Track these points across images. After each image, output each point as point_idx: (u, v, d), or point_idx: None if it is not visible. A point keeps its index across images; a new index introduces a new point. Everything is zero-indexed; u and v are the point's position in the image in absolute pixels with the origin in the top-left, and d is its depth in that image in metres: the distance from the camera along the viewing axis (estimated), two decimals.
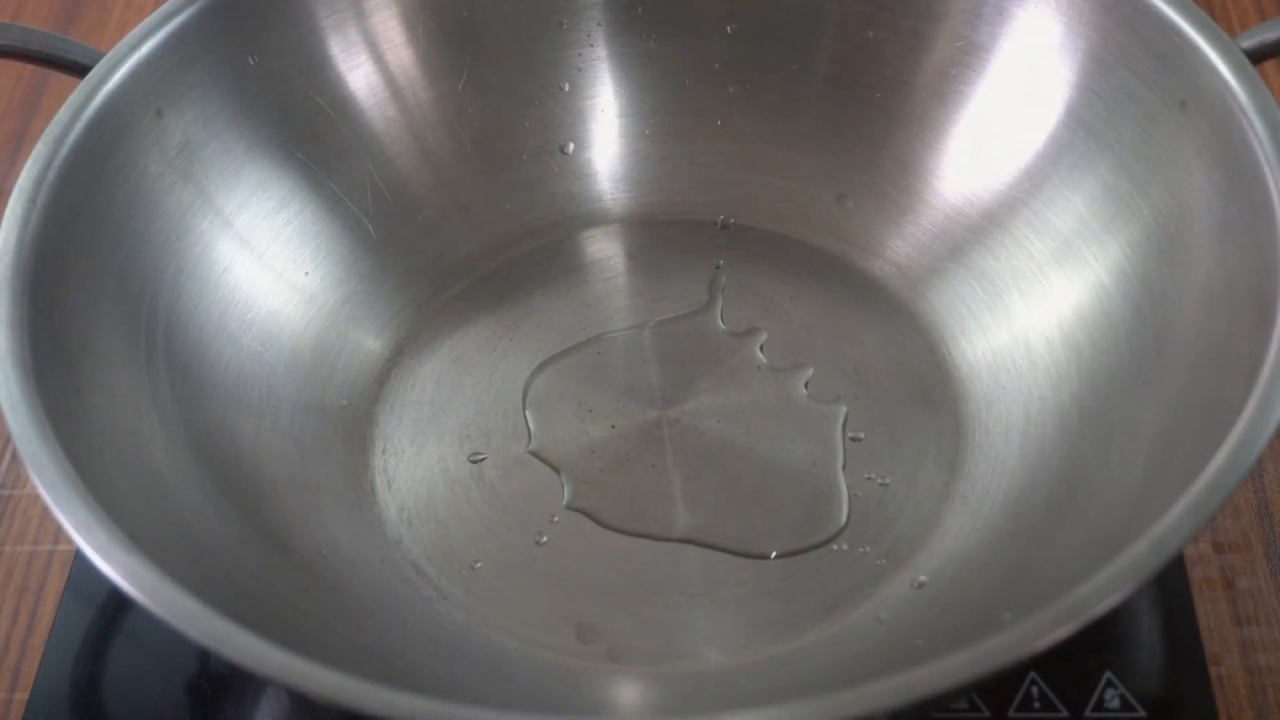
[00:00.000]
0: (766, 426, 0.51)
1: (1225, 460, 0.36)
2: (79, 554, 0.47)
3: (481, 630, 0.46)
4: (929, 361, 0.52)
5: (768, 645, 0.45)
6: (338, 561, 0.47)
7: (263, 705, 0.47)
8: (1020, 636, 0.33)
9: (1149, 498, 0.40)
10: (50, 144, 0.45)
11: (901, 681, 0.32)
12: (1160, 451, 0.42)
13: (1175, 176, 0.46)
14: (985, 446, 0.50)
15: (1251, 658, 0.47)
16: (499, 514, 0.49)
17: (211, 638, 0.34)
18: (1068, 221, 0.50)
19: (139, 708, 0.47)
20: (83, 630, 0.49)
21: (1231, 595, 0.48)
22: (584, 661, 0.45)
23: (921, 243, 0.54)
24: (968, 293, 0.53)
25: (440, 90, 0.56)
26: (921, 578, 0.47)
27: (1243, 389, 0.38)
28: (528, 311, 0.55)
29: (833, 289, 0.55)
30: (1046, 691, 0.45)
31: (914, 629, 0.45)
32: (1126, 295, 0.47)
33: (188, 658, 0.47)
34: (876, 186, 0.55)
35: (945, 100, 0.54)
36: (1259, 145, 0.42)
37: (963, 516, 0.48)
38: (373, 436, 0.52)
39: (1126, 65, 0.48)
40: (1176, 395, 0.43)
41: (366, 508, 0.50)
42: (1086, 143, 0.49)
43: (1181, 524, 0.35)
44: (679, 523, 0.49)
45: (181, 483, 0.44)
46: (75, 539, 0.36)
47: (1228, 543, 0.50)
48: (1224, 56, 0.45)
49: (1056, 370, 0.49)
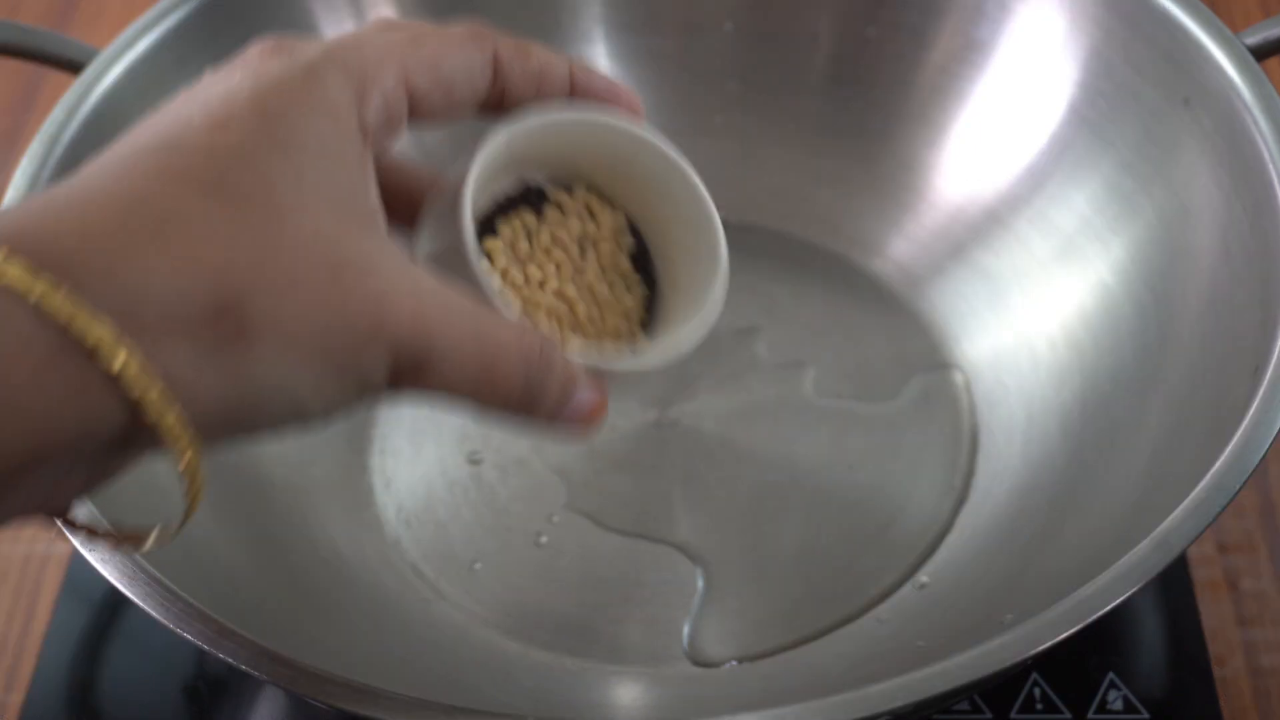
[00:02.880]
0: (767, 426, 0.51)
1: (1229, 460, 0.36)
2: (75, 555, 0.47)
3: (481, 630, 0.46)
4: (931, 361, 0.52)
5: (768, 645, 0.45)
6: (336, 562, 0.47)
7: (260, 707, 0.46)
8: (1022, 637, 0.33)
9: (1152, 498, 0.39)
10: (45, 142, 0.45)
11: (903, 683, 0.32)
12: (1163, 451, 0.42)
13: (1179, 174, 0.46)
14: (987, 446, 0.49)
15: (1255, 659, 0.47)
16: (498, 515, 0.49)
17: (208, 638, 0.34)
18: (1070, 220, 0.50)
19: (135, 709, 0.47)
20: (79, 631, 0.48)
21: (1235, 596, 0.48)
22: (584, 661, 0.45)
23: (923, 241, 0.54)
24: (970, 291, 0.53)
25: None
26: (923, 578, 0.46)
27: (1247, 389, 0.38)
28: None
29: (834, 288, 0.55)
30: (1049, 693, 0.45)
31: (916, 630, 0.44)
32: (1129, 294, 0.47)
33: (184, 659, 0.47)
34: (878, 185, 0.55)
35: (947, 98, 0.53)
36: (1263, 142, 0.42)
37: (964, 517, 0.48)
38: (371, 437, 0.51)
39: (1130, 62, 0.48)
40: (1180, 395, 0.43)
41: (365, 508, 0.49)
42: (1089, 140, 0.49)
43: (1185, 525, 0.35)
44: (679, 524, 0.49)
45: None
46: (72, 540, 0.36)
47: (1232, 543, 0.50)
48: (1228, 53, 0.44)
49: (1059, 370, 0.49)
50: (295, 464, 0.49)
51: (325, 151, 0.29)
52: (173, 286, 0.25)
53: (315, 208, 0.28)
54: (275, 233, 0.27)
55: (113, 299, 0.25)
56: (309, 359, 0.27)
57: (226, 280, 0.26)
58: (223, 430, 0.27)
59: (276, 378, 0.27)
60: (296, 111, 0.29)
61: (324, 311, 0.27)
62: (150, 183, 0.27)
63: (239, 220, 0.27)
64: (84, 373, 0.24)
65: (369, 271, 0.28)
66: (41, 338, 0.24)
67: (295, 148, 0.28)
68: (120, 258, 0.25)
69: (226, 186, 0.27)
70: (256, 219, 0.27)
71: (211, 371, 0.26)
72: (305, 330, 0.27)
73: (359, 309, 0.27)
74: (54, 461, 0.25)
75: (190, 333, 0.25)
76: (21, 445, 0.24)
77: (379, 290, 0.28)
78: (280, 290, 0.26)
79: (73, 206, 0.26)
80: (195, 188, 0.27)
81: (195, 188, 0.27)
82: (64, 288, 0.24)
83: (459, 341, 0.29)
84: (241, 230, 0.27)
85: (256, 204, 0.27)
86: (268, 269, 0.26)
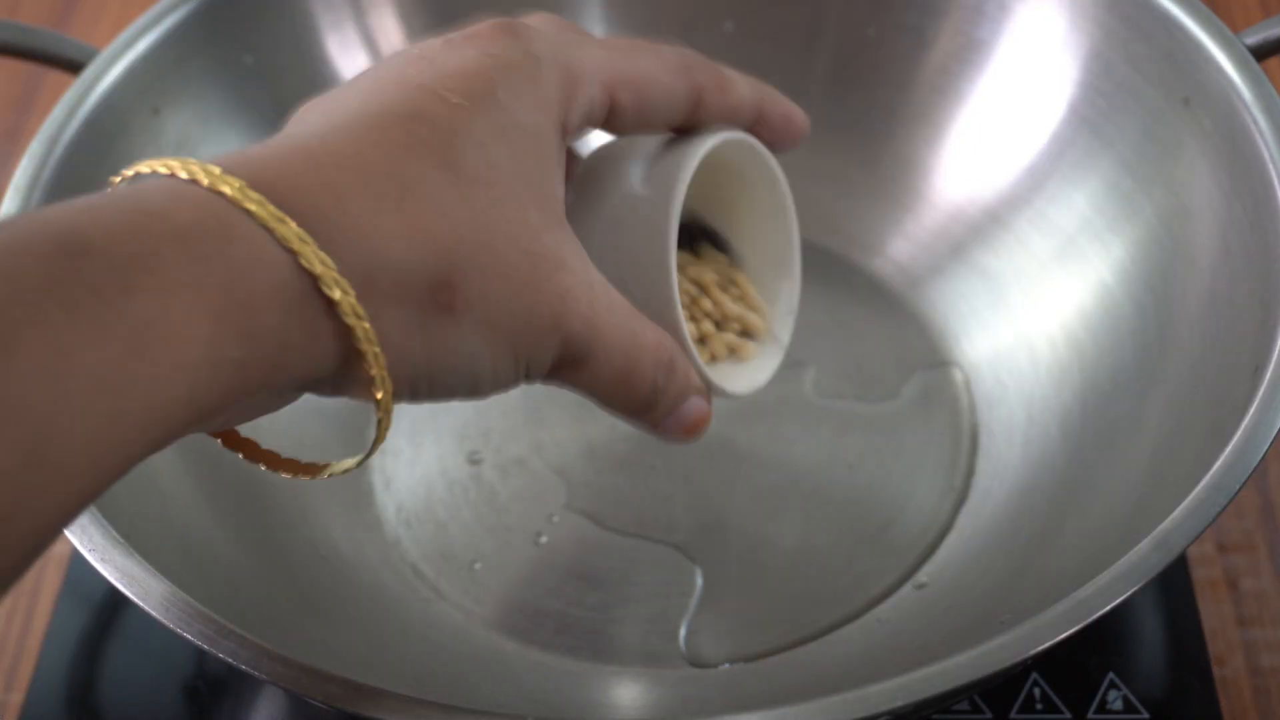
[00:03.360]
0: (767, 426, 0.51)
1: (1229, 460, 0.36)
2: (75, 554, 0.47)
3: (481, 630, 0.46)
4: (930, 360, 0.52)
5: (767, 645, 0.45)
6: (336, 562, 0.47)
7: (260, 707, 0.46)
8: (1022, 637, 0.33)
9: (1152, 498, 0.39)
10: (45, 142, 0.45)
11: (903, 683, 0.32)
12: (1163, 451, 0.42)
13: (1179, 174, 0.46)
14: (987, 446, 0.49)
15: (1255, 659, 0.47)
16: (498, 514, 0.49)
17: (208, 638, 0.34)
18: (1070, 220, 0.50)
19: (135, 709, 0.47)
20: (78, 631, 0.48)
21: (1235, 596, 0.48)
22: (583, 662, 0.45)
23: (923, 241, 0.54)
24: (970, 291, 0.53)
25: None
26: (923, 578, 0.46)
27: (1247, 388, 0.38)
28: None
29: (834, 287, 0.55)
30: (1049, 693, 0.45)
31: (915, 630, 0.44)
32: (1129, 294, 0.47)
33: (184, 659, 0.47)
34: (878, 184, 0.55)
35: (947, 98, 0.53)
36: (1263, 142, 0.42)
37: (964, 517, 0.48)
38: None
39: (1129, 62, 0.48)
40: (1180, 395, 0.43)
41: (365, 508, 0.49)
42: (1089, 140, 0.49)
43: (1185, 525, 0.35)
44: (678, 524, 0.49)
45: (178, 483, 0.44)
46: (72, 540, 0.36)
47: (1231, 543, 0.49)
48: (1228, 53, 0.44)
49: (1059, 369, 0.49)
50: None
51: (537, 143, 0.30)
52: (408, 257, 0.27)
53: (525, 196, 0.30)
54: (495, 217, 0.29)
55: (354, 260, 0.26)
56: (498, 340, 0.29)
57: (451, 258, 0.28)
58: (406, 388, 0.29)
59: (467, 352, 0.29)
60: (520, 101, 0.30)
61: (520, 300, 0.29)
62: (394, 150, 0.28)
63: (469, 201, 0.28)
64: (319, 322, 0.26)
65: (560, 266, 0.30)
66: (293, 285, 0.26)
67: (516, 135, 0.30)
68: (365, 220, 0.27)
69: (463, 167, 0.29)
70: (481, 202, 0.29)
71: (418, 337, 0.28)
72: (503, 314, 0.29)
73: (546, 301, 0.29)
74: (270, 392, 0.27)
75: (411, 301, 0.27)
76: (260, 379, 0.26)
77: (565, 285, 0.30)
78: (491, 273, 0.28)
79: (311, 159, 0.27)
80: (435, 163, 0.28)
81: (435, 163, 0.28)
82: (312, 241, 0.26)
83: (615, 343, 0.31)
84: (469, 210, 0.28)
85: (483, 186, 0.29)
86: (484, 252, 0.28)
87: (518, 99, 0.30)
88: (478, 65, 0.30)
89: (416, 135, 0.28)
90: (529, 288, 0.29)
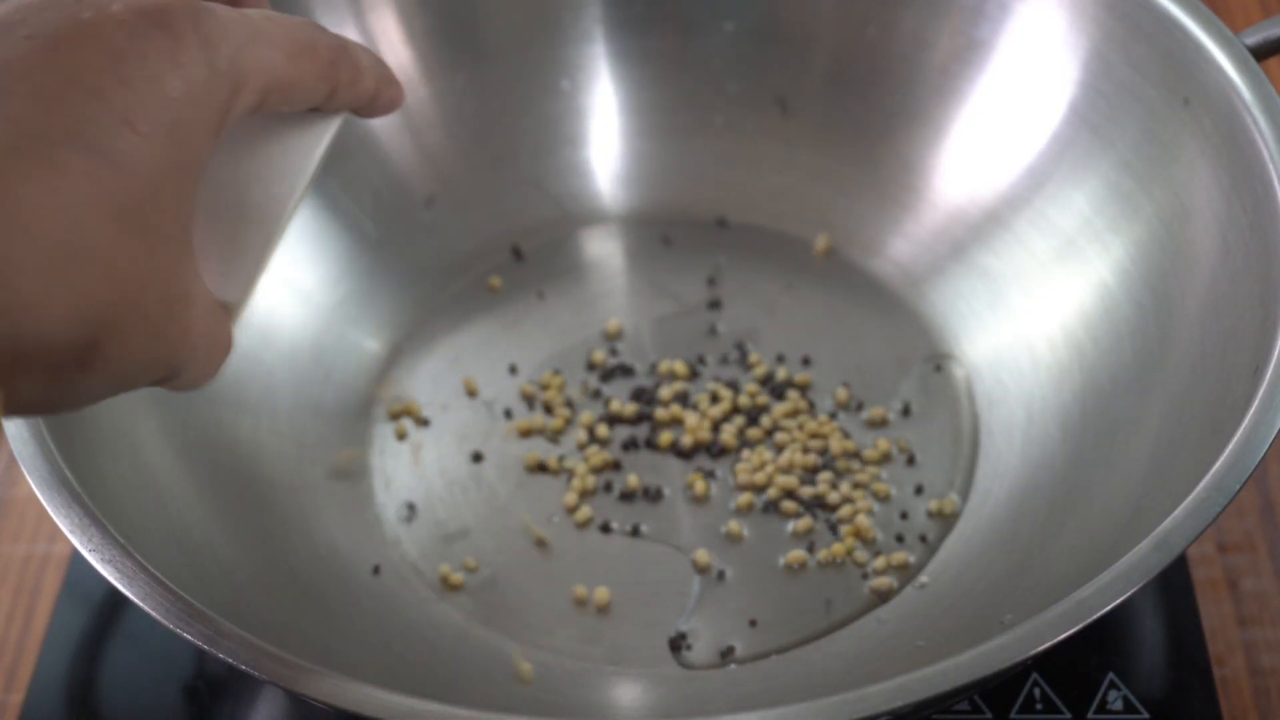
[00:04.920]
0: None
1: (1229, 460, 0.36)
2: (75, 555, 0.47)
3: (481, 630, 0.46)
4: (930, 361, 0.52)
5: (768, 645, 0.45)
6: (336, 562, 0.47)
7: (260, 707, 0.46)
8: (1022, 637, 0.33)
9: (1152, 498, 0.39)
10: None
11: (903, 683, 0.32)
12: (1163, 451, 0.42)
13: (1179, 174, 0.46)
14: (987, 446, 0.49)
15: (1255, 659, 0.47)
16: (498, 514, 0.49)
17: (208, 638, 0.34)
18: (1070, 220, 0.50)
19: (135, 710, 0.47)
20: (78, 631, 0.48)
21: (1235, 596, 0.48)
22: (584, 662, 0.45)
23: (923, 241, 0.54)
24: (969, 291, 0.53)
25: (438, 88, 0.56)
26: (923, 579, 0.46)
27: (1246, 389, 0.38)
28: (526, 310, 0.55)
29: (833, 287, 0.55)
30: (1049, 693, 0.45)
31: (915, 630, 0.44)
32: (1129, 294, 0.47)
33: (184, 659, 0.47)
34: (877, 185, 0.55)
35: (946, 98, 0.53)
36: (1263, 142, 0.42)
37: (964, 517, 0.48)
38: (370, 436, 0.51)
39: (1130, 62, 0.48)
40: (1179, 395, 0.43)
41: (365, 508, 0.49)
42: (1089, 140, 0.49)
43: (1185, 525, 0.35)
44: (679, 524, 0.49)
45: (178, 483, 0.44)
46: (72, 540, 0.36)
47: (1231, 543, 0.49)
48: (1228, 53, 0.44)
49: (1059, 370, 0.49)
50: (295, 464, 0.49)
51: (195, 169, 0.29)
52: (61, 331, 0.27)
53: (175, 234, 0.29)
54: (151, 269, 0.28)
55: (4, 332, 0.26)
56: (120, 386, 0.29)
57: (104, 323, 0.27)
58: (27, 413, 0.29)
59: (88, 397, 0.29)
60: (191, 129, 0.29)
61: (149, 351, 0.29)
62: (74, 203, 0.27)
63: (132, 258, 0.28)
64: None
65: (188, 303, 0.30)
66: None
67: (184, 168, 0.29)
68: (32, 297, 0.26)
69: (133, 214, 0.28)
70: (141, 253, 0.28)
71: (48, 391, 0.27)
72: (131, 367, 0.29)
73: (170, 346, 0.29)
74: None
75: (53, 365, 0.27)
76: None
77: (188, 324, 0.30)
78: (132, 330, 0.28)
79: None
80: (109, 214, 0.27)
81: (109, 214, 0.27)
82: None
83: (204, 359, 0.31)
84: (131, 268, 0.28)
85: (149, 234, 0.28)
86: (134, 310, 0.28)
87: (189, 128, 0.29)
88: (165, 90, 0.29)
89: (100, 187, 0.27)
90: (162, 339, 0.29)
